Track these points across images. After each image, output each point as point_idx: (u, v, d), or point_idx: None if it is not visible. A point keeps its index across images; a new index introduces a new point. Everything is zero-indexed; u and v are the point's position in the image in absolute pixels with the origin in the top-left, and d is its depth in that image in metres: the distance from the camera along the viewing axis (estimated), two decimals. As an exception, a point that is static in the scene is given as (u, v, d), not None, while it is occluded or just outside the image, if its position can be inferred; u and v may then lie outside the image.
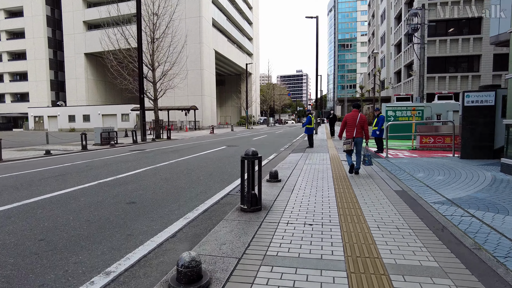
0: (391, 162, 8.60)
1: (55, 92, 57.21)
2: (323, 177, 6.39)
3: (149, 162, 9.30)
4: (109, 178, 6.81)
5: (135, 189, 5.82)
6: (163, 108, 36.07)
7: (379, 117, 11.01)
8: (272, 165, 8.56)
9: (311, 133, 13.21)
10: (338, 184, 5.74)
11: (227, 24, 56.69)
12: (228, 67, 64.14)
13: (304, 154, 10.55)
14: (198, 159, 9.85)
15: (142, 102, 18.97)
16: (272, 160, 9.77)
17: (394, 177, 6.38)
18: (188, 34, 46.06)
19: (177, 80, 23.17)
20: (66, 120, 42.33)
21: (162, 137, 21.63)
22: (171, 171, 7.68)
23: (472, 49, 28.76)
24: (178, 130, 33.82)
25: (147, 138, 19.80)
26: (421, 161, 8.56)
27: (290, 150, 12.60)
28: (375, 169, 7.31)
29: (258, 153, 4.04)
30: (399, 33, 37.59)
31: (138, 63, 18.57)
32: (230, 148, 13.87)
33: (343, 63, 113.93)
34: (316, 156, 9.92)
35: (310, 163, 8.49)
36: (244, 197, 4.04)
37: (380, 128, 10.84)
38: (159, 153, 11.82)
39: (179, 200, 5.04)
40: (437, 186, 5.46)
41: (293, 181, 5.98)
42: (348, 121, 6.76)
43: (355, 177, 6.41)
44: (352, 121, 6.69)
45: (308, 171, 7.20)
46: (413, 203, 4.42)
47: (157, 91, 21.59)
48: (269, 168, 7.90)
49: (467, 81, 29.27)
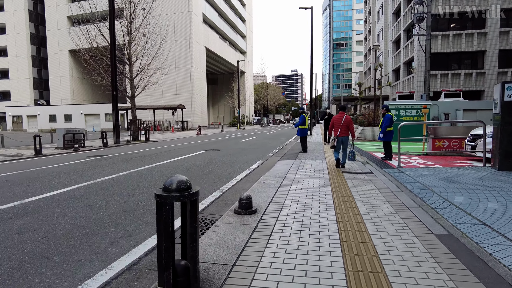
0: (407, 174, 6.63)
1: (38, 90, 54.55)
2: (320, 203, 4.38)
3: (94, 175, 7.21)
4: (8, 205, 4.72)
5: (29, 226, 3.76)
6: (148, 107, 33.87)
7: (384, 116, 9.04)
8: (251, 179, 6.54)
9: (304, 135, 11.20)
10: (344, 218, 3.73)
11: (219, 21, 54.53)
12: (221, 65, 61.98)
13: (296, 162, 8.55)
14: (157, 170, 7.78)
15: (115, 100, 16.81)
16: (255, 170, 7.74)
17: (422, 202, 4.39)
18: (176, 29, 43.96)
19: (157, 76, 21.01)
20: (47, 120, 39.82)
21: (140, 138, 19.49)
22: (109, 190, 5.62)
23: (476, 45, 27.03)
24: (163, 131, 31.61)
25: (121, 140, 17.64)
26: (446, 174, 6.59)
27: (280, 156, 10.59)
28: (391, 187, 5.31)
29: (191, 185, 2.01)
30: (398, 28, 35.84)
31: (110, 53, 16.41)
32: (209, 153, 11.81)
33: (338, 62, 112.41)
34: (310, 165, 7.92)
35: (303, 176, 6.49)
36: (165, 273, 1.99)
37: (384, 130, 8.86)
38: (118, 161, 9.72)
39: (66, 261, 2.96)
40: (503, 224, 3.48)
41: (275, 213, 3.96)
42: (335, 122, 7.51)
43: (368, 203, 4.40)
44: (338, 122, 7.43)
45: (299, 190, 5.19)
46: (488, 277, 2.41)
47: (135, 88, 19.44)
48: (246, 185, 5.88)
49: (471, 78, 27.53)
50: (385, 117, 8.94)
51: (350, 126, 7.38)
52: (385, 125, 8.84)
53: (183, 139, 20.96)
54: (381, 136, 8.95)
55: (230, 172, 7.41)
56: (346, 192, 5.04)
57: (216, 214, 4.15)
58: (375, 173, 6.81)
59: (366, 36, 61.78)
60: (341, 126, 7.34)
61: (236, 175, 7.00)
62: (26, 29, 51.84)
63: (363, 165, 7.96)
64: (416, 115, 16.16)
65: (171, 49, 43.71)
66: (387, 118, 8.89)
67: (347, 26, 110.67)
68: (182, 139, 20.46)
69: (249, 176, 6.92)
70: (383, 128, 8.87)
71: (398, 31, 35.79)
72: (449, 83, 27.60)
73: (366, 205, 4.23)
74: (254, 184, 5.74)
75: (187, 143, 16.75)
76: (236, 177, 6.76)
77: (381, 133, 8.95)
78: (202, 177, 6.78)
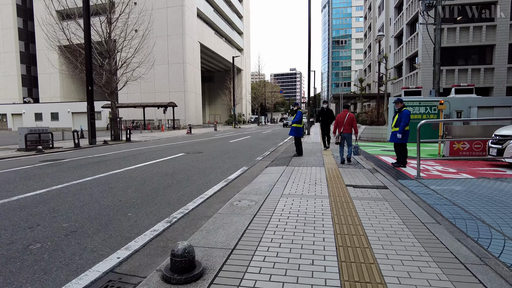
0: (433, 189, 4.96)
1: (27, 88, 52.62)
2: (316, 250, 2.69)
3: (15, 189, 5.50)
4: None
5: None
6: (137, 104, 32.12)
7: (401, 112, 7.33)
8: (223, 197, 4.85)
9: (299, 135, 9.50)
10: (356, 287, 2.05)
11: (215, 16, 52.70)
12: (217, 62, 60.17)
13: (288, 169, 6.87)
14: (104, 183, 6.06)
15: (90, 96, 15.08)
16: (233, 182, 6.05)
17: (481, 251, 2.71)
18: (169, 24, 42.10)
19: (142, 70, 19.27)
20: (32, 118, 37.94)
21: (121, 138, 17.76)
22: (5, 219, 3.93)
23: (484, 39, 25.38)
24: (152, 130, 29.82)
25: (99, 140, 15.92)
26: (485, 189, 4.92)
27: (270, 160, 8.91)
28: (419, 215, 3.62)
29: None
30: (400, 23, 34.18)
31: (85, 42, 14.69)
32: (187, 156, 10.11)
33: (338, 60, 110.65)
34: (305, 173, 6.25)
35: (293, 192, 4.81)
36: None
37: (403, 129, 7.18)
38: (70, 167, 7.98)
39: None
40: None
41: (237, 275, 2.27)
42: (339, 120, 7.92)
43: (392, 252, 2.70)
44: (341, 120, 7.83)
45: (285, 220, 3.50)
46: None
47: (115, 83, 17.71)
48: (211, 208, 4.19)
49: (479, 74, 25.89)
50: (403, 113, 7.20)
51: (353, 123, 7.82)
52: (404, 123, 7.11)
53: (169, 139, 19.25)
54: (399, 136, 7.23)
55: (199, 185, 5.71)
56: (355, 223, 3.35)
57: (136, 274, 2.47)
58: (389, 187, 5.14)
59: (366, 32, 60.02)
60: (344, 123, 7.79)
61: (205, 190, 5.31)
62: (14, 24, 49.89)
63: (371, 174, 6.29)
64: (425, 113, 14.49)
65: (164, 45, 41.96)
66: (406, 115, 7.14)
67: (347, 23, 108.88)
68: (168, 139, 18.75)
69: (222, 192, 5.22)
70: (401, 127, 7.15)
71: (400, 25, 34.12)
72: (455, 79, 25.95)
73: (390, 257, 2.54)
74: (223, 207, 4.04)
75: (170, 144, 15.05)
76: (203, 194, 5.06)
77: (398, 133, 7.23)
78: (156, 194, 5.07)
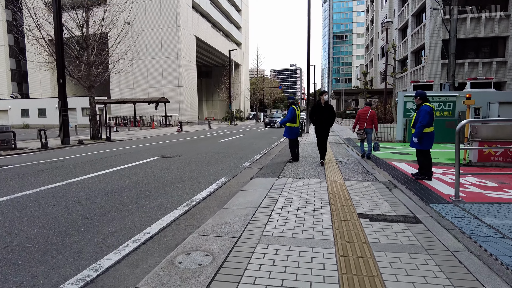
0: (490, 224, 3.31)
1: (17, 83, 50.91)
2: None
3: None
4: None
5: None
6: (127, 100, 30.40)
7: (420, 108, 5.64)
8: (164, 244, 3.20)
9: (295, 136, 7.82)
10: None
11: (211, 9, 50.76)
12: (215, 57, 58.30)
13: (278, 184, 5.23)
14: (20, 206, 4.42)
15: (62, 90, 13.40)
16: (195, 208, 4.38)
17: None
18: (162, 16, 40.21)
19: (125, 62, 17.58)
20: (19, 114, 36.22)
21: (101, 137, 16.11)
22: None
23: (497, 30, 23.62)
24: (141, 127, 28.11)
25: (72, 139, 14.27)
26: None
27: (260, 166, 7.28)
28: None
29: None
30: (405, 14, 32.37)
31: (55, 25, 13.04)
32: (157, 162, 8.47)
33: (338, 55, 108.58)
34: (299, 193, 4.61)
35: (279, 233, 3.16)
36: None
37: (419, 132, 5.43)
38: (2, 179, 6.36)
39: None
40: None
41: None
42: (361, 115, 8.19)
43: None
44: (364, 116, 8.13)
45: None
46: None
47: (93, 76, 16.02)
48: (132, 276, 2.48)
49: (490, 68, 24.17)
50: (421, 111, 5.52)
51: (374, 119, 8.08)
52: (421, 123, 5.41)
53: (156, 137, 17.60)
54: (415, 141, 5.53)
55: (146, 213, 4.00)
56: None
57: None
58: (422, 218, 3.50)
59: (368, 26, 58.04)
60: (366, 119, 8.05)
61: (149, 224, 3.58)
62: (2, 16, 48.01)
63: (388, 192, 4.64)
64: (438, 109, 12.80)
65: (157, 38, 40.16)
66: (423, 112, 5.44)
67: (348, 18, 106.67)
68: (154, 138, 17.10)
69: (172, 229, 3.50)
70: (417, 128, 5.44)
71: (405, 17, 32.31)
72: (465, 73, 24.23)
73: None
74: (153, 272, 2.40)
75: (151, 144, 13.40)
76: (143, 233, 3.32)
77: (414, 137, 5.53)
78: (69, 234, 3.41)
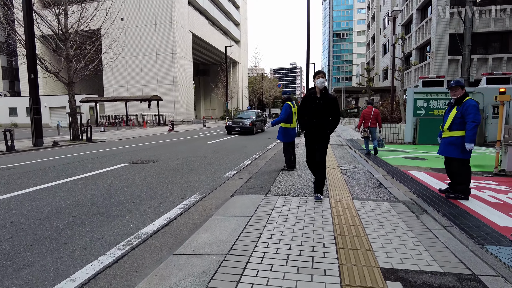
0: None
1: (8, 81, 49.50)
2: None
3: None
4: None
5: None
6: (118, 98, 29.04)
7: (463, 105, 4.13)
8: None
9: (290, 140, 6.47)
10: None
11: (208, 5, 49.33)
12: (213, 55, 56.88)
13: (265, 205, 3.89)
14: None
15: (34, 86, 12.08)
16: (133, 252, 3.05)
17: None
18: (157, 11, 38.77)
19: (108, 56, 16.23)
20: (6, 113, 34.84)
21: (81, 138, 14.78)
22: None
23: (508, 24, 22.27)
24: (131, 127, 26.72)
25: (47, 141, 12.94)
26: None
27: (247, 176, 5.94)
28: None
29: None
30: (409, 8, 31.00)
31: (23, 10, 11.72)
32: (126, 169, 7.13)
33: (339, 53, 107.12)
34: (293, 221, 3.26)
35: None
36: None
37: (472, 134, 3.99)
38: None
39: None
40: None
41: None
42: (366, 115, 8.70)
43: None
44: (368, 115, 8.64)
45: None
46: None
47: (72, 71, 14.69)
48: None
49: (501, 64, 22.84)
50: (469, 106, 4.07)
51: (378, 118, 8.64)
52: (475, 122, 4.00)
53: (142, 138, 16.26)
54: (470, 147, 3.92)
55: (31, 277, 2.71)
56: None
57: None
58: (485, 279, 2.16)
59: (369, 23, 56.61)
60: (371, 118, 8.59)
61: None
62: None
63: (415, 219, 3.30)
64: (452, 108, 11.43)
65: (151, 34, 38.77)
66: (474, 108, 4.04)
67: (348, 15, 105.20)
68: (140, 139, 15.76)
69: None
70: (471, 130, 4.00)
71: (409, 12, 30.94)
72: (474, 69, 22.87)
73: None
74: None
75: (132, 146, 12.06)
76: None
77: (468, 142, 4.01)
78: None
